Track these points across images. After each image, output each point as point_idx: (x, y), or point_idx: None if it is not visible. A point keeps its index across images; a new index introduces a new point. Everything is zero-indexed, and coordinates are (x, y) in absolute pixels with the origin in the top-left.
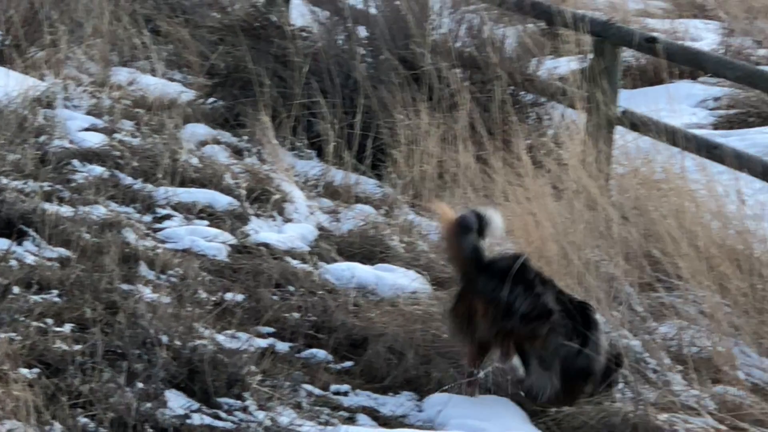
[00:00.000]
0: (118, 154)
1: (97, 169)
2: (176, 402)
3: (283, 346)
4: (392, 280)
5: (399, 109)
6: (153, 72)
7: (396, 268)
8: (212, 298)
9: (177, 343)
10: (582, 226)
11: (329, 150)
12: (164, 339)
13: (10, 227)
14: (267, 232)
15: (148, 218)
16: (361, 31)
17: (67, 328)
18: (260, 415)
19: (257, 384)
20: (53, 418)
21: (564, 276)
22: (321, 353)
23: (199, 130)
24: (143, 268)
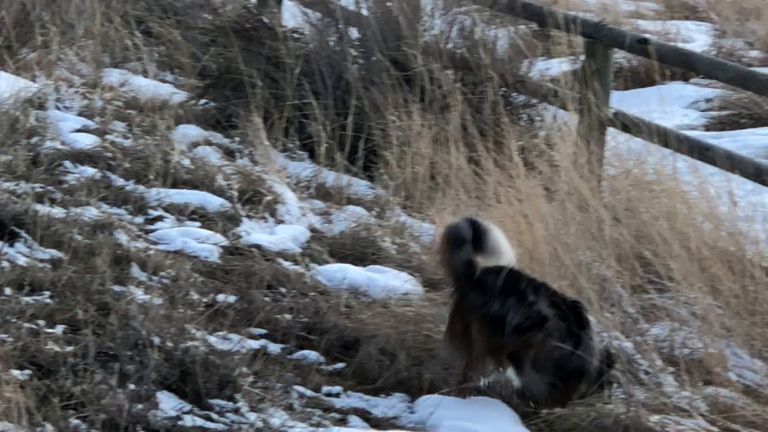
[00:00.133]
0: (109, 155)
1: (89, 171)
2: (168, 403)
3: (274, 348)
4: (384, 282)
5: (391, 110)
6: (145, 73)
7: (388, 270)
8: (204, 300)
9: (169, 344)
10: (574, 228)
11: (321, 151)
12: (156, 340)
13: (2, 228)
14: (259, 234)
15: (139, 220)
16: (353, 33)
17: (59, 329)
18: (252, 416)
19: (249, 385)
20: (45, 419)
21: (556, 278)
22: (313, 355)
23: (191, 131)
24: (135, 270)
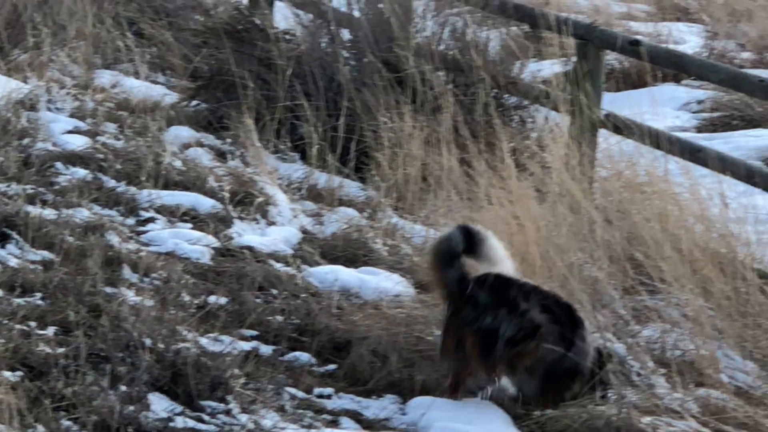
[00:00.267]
0: (101, 156)
1: (81, 172)
2: (159, 405)
3: (266, 349)
4: (375, 284)
5: (382, 111)
6: (136, 75)
7: (379, 271)
8: (195, 301)
9: (160, 346)
10: (565, 229)
11: (313, 153)
12: (147, 342)
13: None
14: (250, 235)
15: (131, 221)
16: (345, 34)
17: (51, 331)
18: (243, 418)
19: (240, 387)
20: (36, 421)
21: (547, 279)
22: (304, 356)
23: (183, 132)
24: (126, 271)
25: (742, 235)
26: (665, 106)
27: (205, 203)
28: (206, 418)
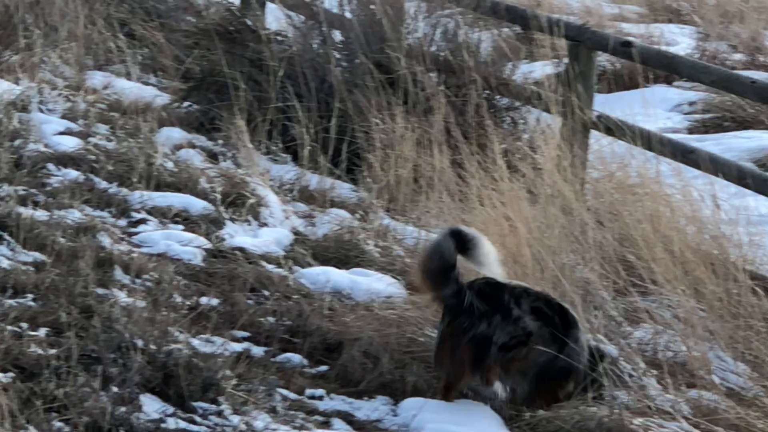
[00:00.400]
0: (93, 158)
1: (72, 173)
2: (151, 406)
3: (258, 351)
4: (367, 285)
5: (374, 113)
6: (128, 76)
7: (371, 273)
8: (187, 303)
9: (152, 347)
10: (557, 231)
11: (304, 154)
12: (139, 343)
13: None
14: (242, 237)
15: (123, 222)
16: (337, 36)
17: (42, 332)
18: (235, 419)
19: (232, 388)
20: (28, 422)
21: (539, 281)
22: (296, 357)
23: (174, 134)
24: (118, 273)
25: (734, 236)
26: (657, 108)
27: (196, 204)
28: (198, 419)
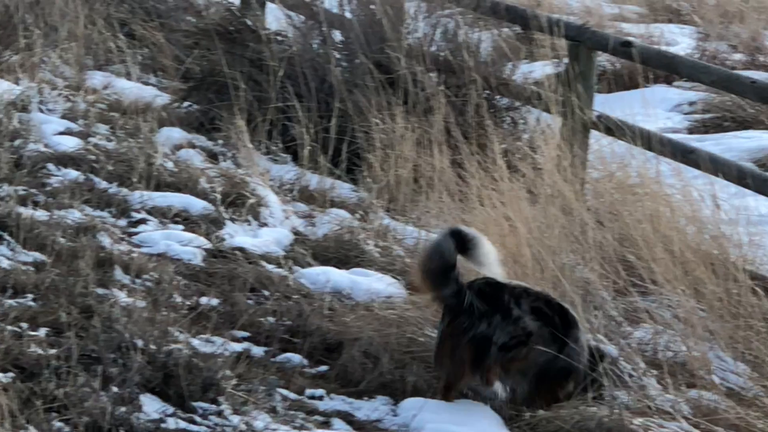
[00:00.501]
0: (93, 158)
1: (72, 173)
2: (151, 406)
3: (258, 351)
4: (367, 285)
5: (374, 113)
6: (128, 76)
7: (371, 273)
8: (187, 303)
9: (152, 347)
10: (557, 231)
11: (304, 154)
12: (139, 343)
13: None
14: (242, 237)
15: (123, 222)
16: (337, 36)
17: (42, 332)
18: (235, 419)
19: (232, 388)
20: (28, 422)
21: (539, 281)
22: (296, 357)
23: (174, 134)
24: (118, 273)
25: (734, 236)
26: (657, 108)
27: (196, 204)
28: (198, 419)
